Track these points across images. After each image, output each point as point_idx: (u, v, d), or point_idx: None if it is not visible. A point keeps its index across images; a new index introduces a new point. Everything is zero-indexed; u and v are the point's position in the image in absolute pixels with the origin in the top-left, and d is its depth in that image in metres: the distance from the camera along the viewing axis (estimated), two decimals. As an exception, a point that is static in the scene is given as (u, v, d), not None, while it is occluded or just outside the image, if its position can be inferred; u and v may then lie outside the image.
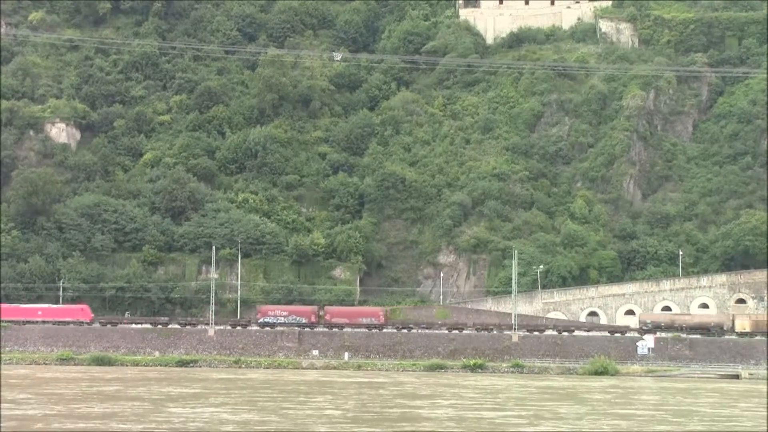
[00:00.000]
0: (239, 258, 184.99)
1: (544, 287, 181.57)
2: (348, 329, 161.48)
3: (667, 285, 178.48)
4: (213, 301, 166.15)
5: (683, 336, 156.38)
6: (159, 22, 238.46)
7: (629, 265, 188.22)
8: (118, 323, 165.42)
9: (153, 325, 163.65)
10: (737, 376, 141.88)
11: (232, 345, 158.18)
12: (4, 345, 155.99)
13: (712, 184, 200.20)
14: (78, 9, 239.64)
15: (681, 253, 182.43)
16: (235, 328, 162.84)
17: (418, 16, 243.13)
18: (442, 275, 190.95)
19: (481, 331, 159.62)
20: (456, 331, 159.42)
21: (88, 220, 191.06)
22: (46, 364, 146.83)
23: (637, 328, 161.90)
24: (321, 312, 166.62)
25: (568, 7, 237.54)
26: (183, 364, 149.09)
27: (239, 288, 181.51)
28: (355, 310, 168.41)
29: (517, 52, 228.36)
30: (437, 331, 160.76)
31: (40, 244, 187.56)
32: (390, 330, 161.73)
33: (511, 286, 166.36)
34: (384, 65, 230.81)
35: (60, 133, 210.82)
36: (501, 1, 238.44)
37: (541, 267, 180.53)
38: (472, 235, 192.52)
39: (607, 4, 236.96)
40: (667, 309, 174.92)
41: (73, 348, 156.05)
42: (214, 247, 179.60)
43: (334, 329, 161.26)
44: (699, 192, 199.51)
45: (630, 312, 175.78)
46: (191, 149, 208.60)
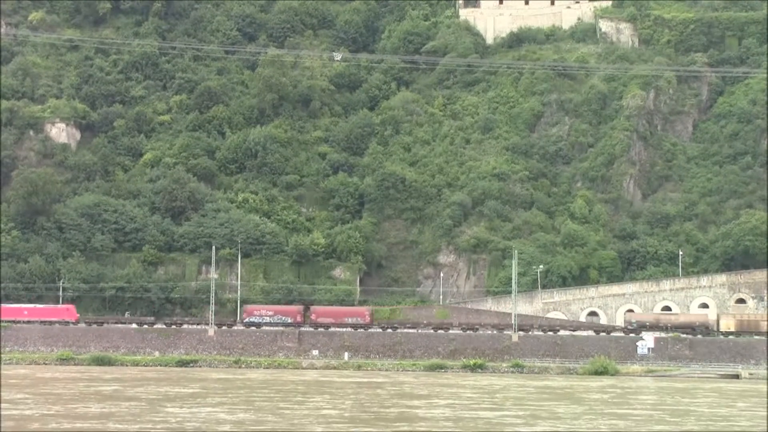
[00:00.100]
0: (239, 258, 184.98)
1: (544, 287, 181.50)
2: (375, 329, 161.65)
3: (667, 285, 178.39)
4: (213, 301, 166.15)
5: (683, 336, 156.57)
6: (159, 22, 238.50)
7: (629, 265, 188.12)
8: (104, 323, 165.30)
9: (139, 326, 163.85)
10: (737, 376, 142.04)
11: (232, 345, 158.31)
12: (4, 345, 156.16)
13: (712, 184, 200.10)
14: (78, 9, 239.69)
15: (681, 253, 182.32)
16: (221, 327, 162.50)
17: (418, 16, 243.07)
18: (442, 275, 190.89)
19: (467, 331, 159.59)
20: (454, 331, 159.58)
21: (88, 220, 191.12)
22: (46, 364, 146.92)
23: (623, 328, 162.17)
24: (308, 312, 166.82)
25: (568, 7, 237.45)
26: (183, 364, 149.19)
27: (239, 288, 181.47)
28: (340, 310, 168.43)
29: (517, 52, 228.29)
30: (422, 330, 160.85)
31: (40, 244, 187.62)
32: (376, 329, 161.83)
33: (511, 286, 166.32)
34: (384, 65, 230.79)
35: (60, 133, 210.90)
36: (501, 1, 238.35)
37: (541, 267, 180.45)
38: (472, 235, 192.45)
39: (607, 4, 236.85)
40: (667, 309, 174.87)
41: (73, 348, 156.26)
42: (214, 247, 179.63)
43: (324, 329, 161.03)
44: (699, 192, 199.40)
45: (630, 312, 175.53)
46: (191, 149, 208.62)
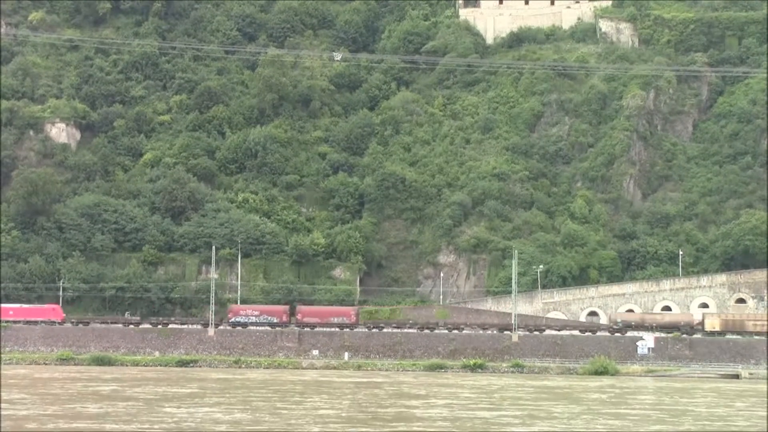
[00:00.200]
0: (239, 258, 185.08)
1: (544, 287, 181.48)
2: (361, 329, 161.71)
3: (667, 285, 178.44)
4: (213, 301, 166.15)
5: (683, 336, 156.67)
6: (159, 22, 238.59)
7: (629, 265, 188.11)
8: (89, 323, 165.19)
9: (125, 326, 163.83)
10: (737, 376, 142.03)
11: (232, 345, 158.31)
12: (4, 345, 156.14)
13: (712, 184, 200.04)
14: (78, 9, 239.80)
15: (681, 252, 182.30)
16: (205, 327, 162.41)
17: (418, 16, 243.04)
18: (442, 275, 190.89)
19: (452, 331, 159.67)
20: (456, 331, 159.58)
21: (88, 220, 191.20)
22: (46, 364, 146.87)
23: (607, 327, 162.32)
24: (294, 312, 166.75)
25: (568, 7, 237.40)
26: (183, 364, 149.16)
27: (239, 288, 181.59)
28: (325, 310, 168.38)
29: (517, 52, 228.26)
30: (407, 330, 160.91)
31: (40, 244, 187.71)
32: (362, 329, 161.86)
33: (511, 286, 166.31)
34: (384, 65, 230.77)
35: (60, 133, 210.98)
36: (501, 1, 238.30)
37: (541, 267, 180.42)
38: (472, 235, 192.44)
39: (607, 4, 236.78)
40: (667, 309, 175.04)
41: (73, 348, 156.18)
42: (214, 247, 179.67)
43: (305, 328, 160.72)
44: (699, 192, 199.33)
45: (630, 312, 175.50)
46: (191, 149, 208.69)
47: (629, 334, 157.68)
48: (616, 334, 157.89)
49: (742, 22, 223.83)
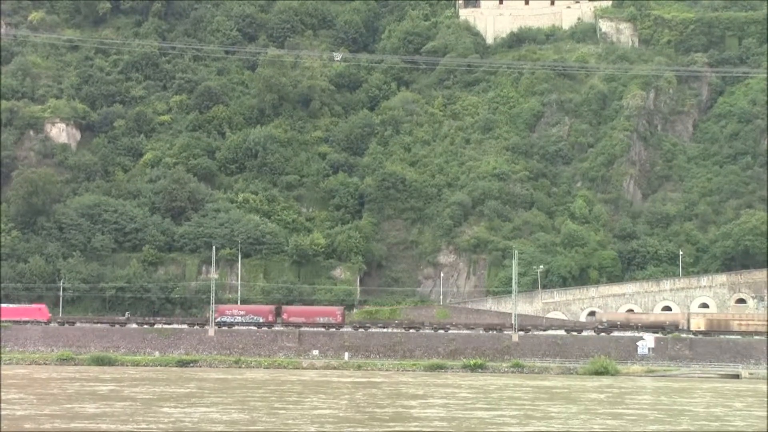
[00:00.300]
0: (239, 258, 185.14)
1: (544, 287, 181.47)
2: (347, 329, 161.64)
3: (667, 285, 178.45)
4: (213, 301, 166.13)
5: (684, 336, 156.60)
6: (159, 22, 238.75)
7: (629, 265, 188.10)
8: (75, 322, 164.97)
9: (111, 325, 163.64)
10: (737, 376, 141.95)
11: (232, 345, 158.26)
12: (4, 345, 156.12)
13: (712, 184, 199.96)
14: (78, 9, 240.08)
15: (681, 253, 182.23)
16: (193, 327, 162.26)
17: (418, 16, 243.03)
18: (442, 275, 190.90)
19: (437, 331, 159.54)
20: (454, 331, 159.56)
21: (88, 220, 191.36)
22: (46, 365, 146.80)
23: (594, 326, 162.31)
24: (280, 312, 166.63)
25: (568, 7, 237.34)
26: (183, 364, 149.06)
27: (239, 288, 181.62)
28: (311, 310, 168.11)
29: (517, 52, 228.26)
30: (395, 330, 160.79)
31: (40, 244, 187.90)
32: (349, 329, 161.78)
33: (511, 286, 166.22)
34: (384, 65, 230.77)
35: (60, 133, 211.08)
36: (501, 1, 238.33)
37: (541, 267, 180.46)
38: (472, 235, 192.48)
39: (607, 4, 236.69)
40: (667, 309, 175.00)
41: (73, 348, 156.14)
42: (214, 247, 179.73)
43: (294, 327, 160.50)
44: (699, 192, 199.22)
45: (630, 312, 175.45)
46: (191, 149, 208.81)
47: (615, 333, 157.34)
48: (602, 334, 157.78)
49: (742, 22, 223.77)
